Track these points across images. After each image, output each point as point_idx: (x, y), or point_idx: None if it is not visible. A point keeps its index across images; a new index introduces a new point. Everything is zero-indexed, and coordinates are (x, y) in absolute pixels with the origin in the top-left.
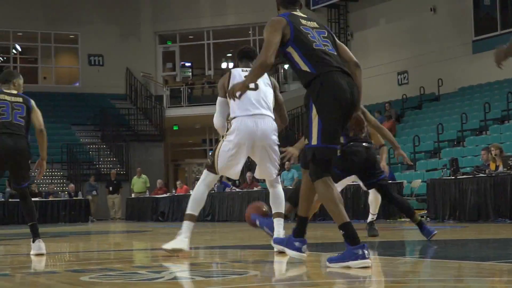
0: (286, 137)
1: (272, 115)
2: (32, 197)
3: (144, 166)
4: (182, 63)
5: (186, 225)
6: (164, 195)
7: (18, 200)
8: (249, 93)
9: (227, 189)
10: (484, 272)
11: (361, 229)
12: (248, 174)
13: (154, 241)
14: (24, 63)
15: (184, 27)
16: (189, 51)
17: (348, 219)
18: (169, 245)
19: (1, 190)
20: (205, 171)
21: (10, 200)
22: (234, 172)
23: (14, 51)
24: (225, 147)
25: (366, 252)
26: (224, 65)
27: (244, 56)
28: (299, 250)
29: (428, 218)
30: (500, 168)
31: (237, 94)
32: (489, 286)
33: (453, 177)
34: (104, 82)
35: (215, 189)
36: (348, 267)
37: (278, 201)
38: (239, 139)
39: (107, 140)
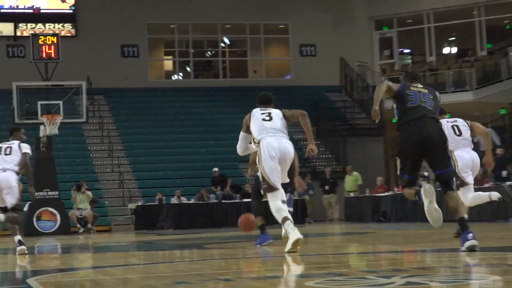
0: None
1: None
2: (245, 198)
3: (362, 162)
4: (401, 49)
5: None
6: (386, 194)
7: (230, 201)
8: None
9: None
10: None
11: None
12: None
13: (377, 244)
14: (233, 57)
15: (402, 10)
16: (408, 36)
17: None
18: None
19: (211, 191)
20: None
21: (222, 201)
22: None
23: (222, 44)
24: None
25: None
26: (446, 50)
27: (261, 102)
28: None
29: None
30: None
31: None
32: None
33: None
34: (317, 73)
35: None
36: None
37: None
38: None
39: (322, 135)
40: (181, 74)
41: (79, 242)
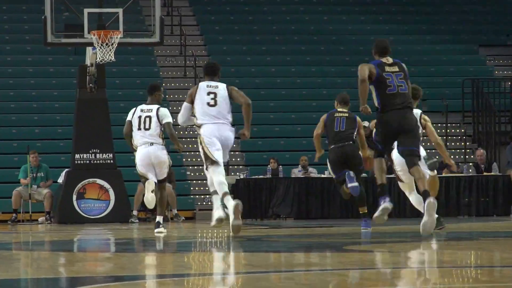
0: None
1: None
2: None
3: None
4: None
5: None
6: None
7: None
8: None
9: None
10: None
11: None
12: None
13: None
14: None
15: None
16: None
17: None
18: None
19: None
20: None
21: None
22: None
23: None
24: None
25: None
26: None
27: (207, 72)
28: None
29: None
30: None
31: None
32: None
33: None
34: None
35: None
36: None
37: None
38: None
39: None
40: None
41: (145, 235)
